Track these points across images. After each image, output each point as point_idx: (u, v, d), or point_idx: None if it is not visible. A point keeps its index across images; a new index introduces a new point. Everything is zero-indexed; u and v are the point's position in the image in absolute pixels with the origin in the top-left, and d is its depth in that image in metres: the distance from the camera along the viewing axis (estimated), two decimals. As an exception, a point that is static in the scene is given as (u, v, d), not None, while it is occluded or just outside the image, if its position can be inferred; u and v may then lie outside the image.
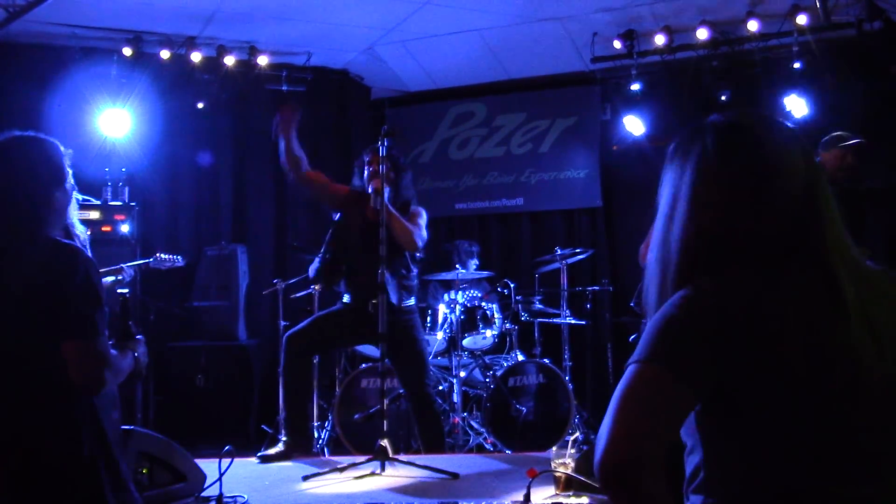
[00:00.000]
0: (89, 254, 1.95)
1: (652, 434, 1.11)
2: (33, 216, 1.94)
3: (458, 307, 5.00)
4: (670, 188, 1.30)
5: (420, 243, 4.00)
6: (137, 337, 2.13)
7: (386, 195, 3.72)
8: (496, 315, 5.23)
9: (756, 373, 1.14)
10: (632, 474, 1.08)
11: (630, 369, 1.16)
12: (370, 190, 3.89)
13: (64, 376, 1.84)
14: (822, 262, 1.21)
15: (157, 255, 5.04)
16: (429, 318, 5.21)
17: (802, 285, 1.19)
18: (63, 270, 1.86)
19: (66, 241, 1.98)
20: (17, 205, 1.93)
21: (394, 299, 3.85)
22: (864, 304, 1.18)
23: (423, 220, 4.09)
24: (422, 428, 4.07)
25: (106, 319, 1.91)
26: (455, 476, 3.31)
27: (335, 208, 4.21)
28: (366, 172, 4.05)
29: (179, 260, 5.12)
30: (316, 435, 4.88)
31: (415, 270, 4.16)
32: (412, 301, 4.14)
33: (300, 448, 3.94)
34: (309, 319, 4.13)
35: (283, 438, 3.95)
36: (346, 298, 4.12)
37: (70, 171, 2.06)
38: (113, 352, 1.95)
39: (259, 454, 3.86)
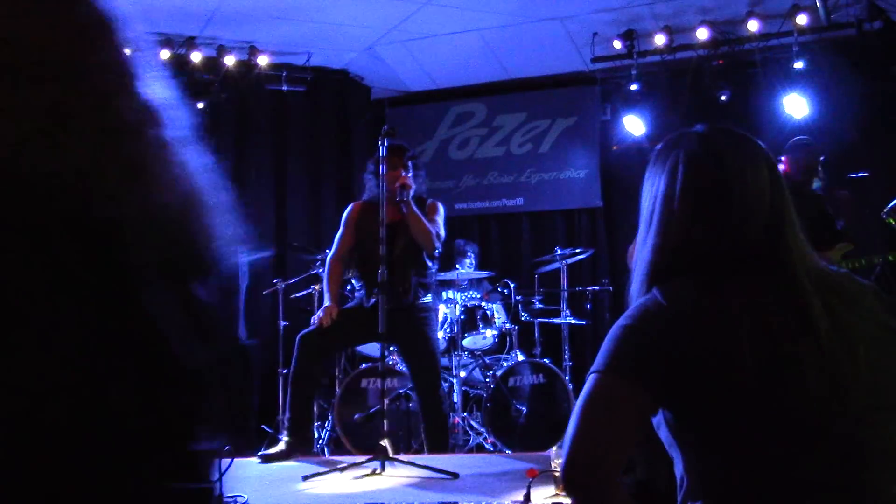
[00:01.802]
0: None
1: (610, 441, 1.17)
2: None
3: (457, 307, 5.00)
4: (649, 195, 1.35)
5: (438, 244, 4.01)
6: None
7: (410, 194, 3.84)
8: (496, 315, 5.22)
9: (704, 380, 1.16)
10: (590, 479, 1.15)
11: (590, 379, 1.20)
12: (397, 186, 3.88)
13: None
14: (788, 275, 1.22)
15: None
16: (429, 318, 5.20)
17: (762, 296, 1.20)
18: None
19: None
20: None
21: (410, 299, 3.94)
22: (833, 313, 1.19)
23: (440, 215, 4.09)
24: (428, 426, 4.02)
25: None
26: (455, 476, 3.31)
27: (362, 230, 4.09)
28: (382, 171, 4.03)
29: None
30: (316, 435, 4.88)
31: (433, 268, 4.15)
32: (429, 298, 4.11)
33: (301, 448, 3.92)
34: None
35: (285, 438, 3.91)
36: (361, 296, 4.10)
37: None
38: None
39: (260, 454, 3.85)
